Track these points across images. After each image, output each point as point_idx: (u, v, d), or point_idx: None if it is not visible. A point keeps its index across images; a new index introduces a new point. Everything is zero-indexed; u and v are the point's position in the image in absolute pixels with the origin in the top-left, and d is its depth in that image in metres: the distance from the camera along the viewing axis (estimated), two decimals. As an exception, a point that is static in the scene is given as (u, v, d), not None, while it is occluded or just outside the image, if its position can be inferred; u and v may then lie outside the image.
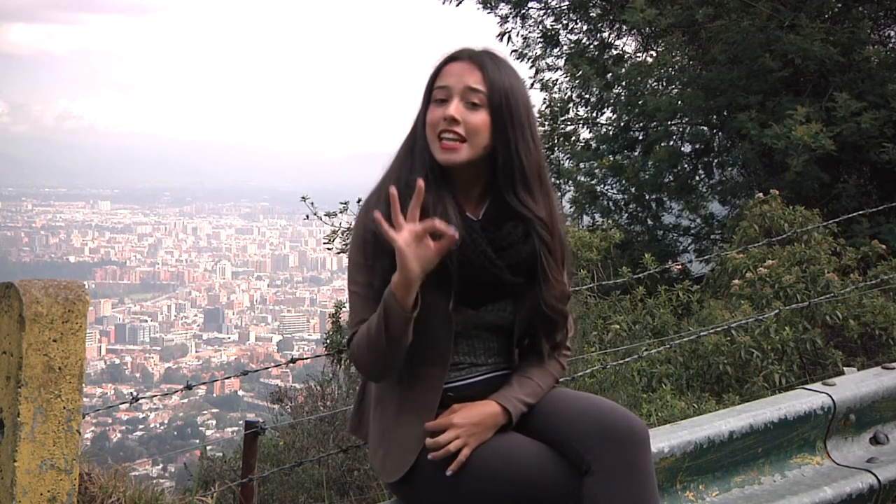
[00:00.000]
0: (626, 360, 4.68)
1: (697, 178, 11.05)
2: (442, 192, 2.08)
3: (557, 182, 10.70)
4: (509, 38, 11.90)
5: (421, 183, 1.94)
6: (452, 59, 2.14)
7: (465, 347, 2.17)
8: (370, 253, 2.09)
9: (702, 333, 4.87)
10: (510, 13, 11.88)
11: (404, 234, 1.92)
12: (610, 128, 11.39)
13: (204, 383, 4.38)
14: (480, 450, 2.06)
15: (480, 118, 2.07)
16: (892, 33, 10.43)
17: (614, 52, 11.58)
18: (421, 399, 2.13)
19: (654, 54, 11.27)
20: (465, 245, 2.05)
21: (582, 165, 11.09)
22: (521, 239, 2.11)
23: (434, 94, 2.11)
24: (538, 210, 2.12)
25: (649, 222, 10.96)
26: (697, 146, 11.05)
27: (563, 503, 2.01)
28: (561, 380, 2.30)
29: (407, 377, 2.13)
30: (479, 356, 2.19)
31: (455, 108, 2.06)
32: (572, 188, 10.83)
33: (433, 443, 2.06)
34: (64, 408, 2.11)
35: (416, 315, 1.98)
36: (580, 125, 11.69)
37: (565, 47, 11.80)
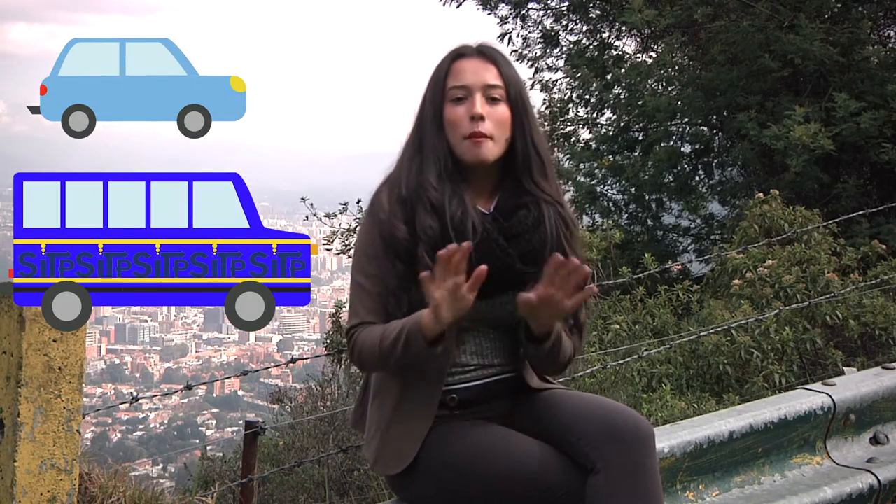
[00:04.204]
0: (626, 360, 4.68)
1: (697, 178, 11.05)
2: (456, 188, 2.09)
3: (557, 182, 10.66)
4: (509, 38, 11.90)
5: (467, 244, 1.91)
6: (459, 55, 2.15)
7: (473, 347, 2.16)
8: (382, 249, 2.09)
9: (702, 333, 4.87)
10: (510, 14, 11.89)
11: (442, 290, 1.91)
12: (610, 128, 11.38)
13: (204, 383, 4.39)
14: (483, 450, 2.05)
15: (503, 112, 2.11)
16: (892, 33, 10.43)
17: (614, 53, 11.58)
18: (422, 393, 2.11)
19: (654, 55, 11.27)
20: (478, 237, 2.06)
21: (582, 166, 11.08)
22: (532, 227, 2.12)
23: (449, 93, 2.12)
24: (555, 193, 2.17)
25: (649, 222, 10.96)
26: (697, 146, 11.05)
27: (567, 502, 2.01)
28: (561, 380, 2.30)
29: (408, 370, 2.12)
30: (487, 356, 2.18)
31: (480, 105, 2.08)
32: (572, 189, 10.83)
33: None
34: (64, 408, 2.11)
35: (440, 350, 2.00)
36: (580, 126, 11.69)
37: (565, 48, 11.80)
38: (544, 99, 11.60)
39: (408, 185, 2.09)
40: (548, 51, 11.87)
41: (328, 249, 9.38)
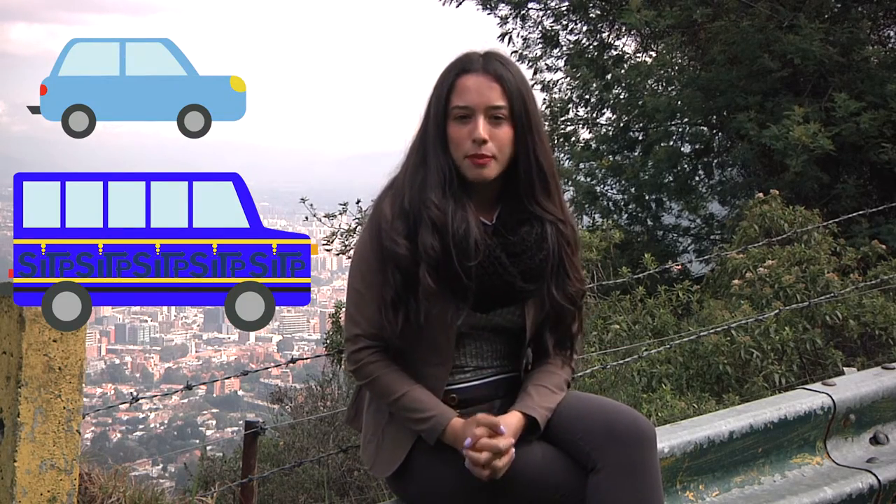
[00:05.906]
0: (626, 360, 4.67)
1: (697, 178, 11.05)
2: (459, 203, 2.08)
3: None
4: (509, 38, 11.90)
5: (501, 428, 2.01)
6: (464, 70, 2.11)
7: (473, 350, 2.17)
8: (382, 259, 2.09)
9: (702, 333, 4.86)
10: (510, 14, 11.89)
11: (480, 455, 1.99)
12: (610, 128, 11.39)
13: (204, 383, 4.38)
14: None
15: (505, 133, 2.08)
16: (892, 33, 10.42)
17: (614, 53, 11.58)
18: None
19: (654, 55, 11.27)
20: (480, 255, 2.06)
21: (582, 166, 11.08)
22: (535, 245, 2.11)
23: (452, 111, 2.09)
24: (557, 211, 2.14)
25: (649, 222, 10.96)
26: (697, 146, 11.05)
27: (568, 502, 2.01)
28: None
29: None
30: (486, 359, 2.19)
31: (483, 128, 2.06)
32: (572, 189, 10.84)
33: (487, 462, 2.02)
34: (64, 408, 2.11)
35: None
36: (580, 126, 11.69)
37: (565, 48, 11.81)
38: (544, 99, 11.61)
39: (411, 199, 2.08)
40: (548, 51, 11.87)
41: (328, 249, 9.40)
